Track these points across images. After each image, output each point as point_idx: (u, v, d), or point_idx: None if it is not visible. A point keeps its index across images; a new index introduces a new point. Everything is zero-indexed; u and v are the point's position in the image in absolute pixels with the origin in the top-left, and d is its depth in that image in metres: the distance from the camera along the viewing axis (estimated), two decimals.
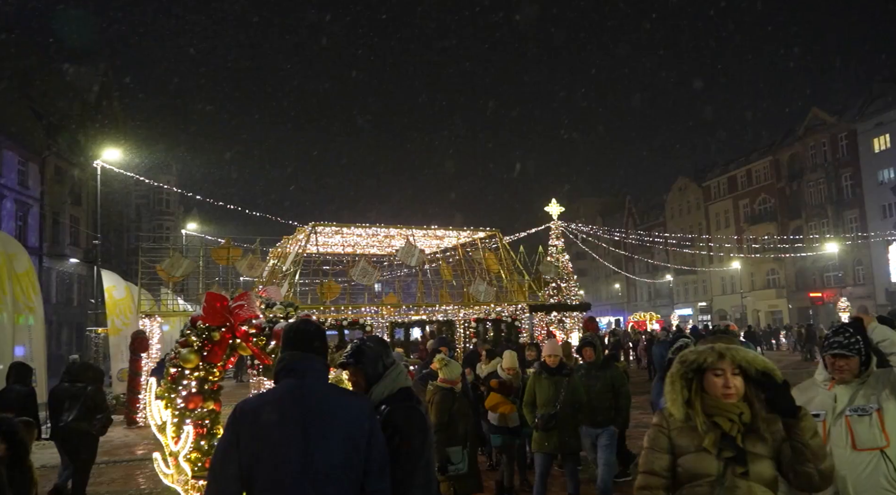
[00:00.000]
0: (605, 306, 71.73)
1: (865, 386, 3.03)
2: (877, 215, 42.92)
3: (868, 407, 2.95)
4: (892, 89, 44.65)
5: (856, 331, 3.09)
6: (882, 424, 2.91)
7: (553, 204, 23.16)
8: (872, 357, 3.10)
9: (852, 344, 3.03)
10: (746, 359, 2.35)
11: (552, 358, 6.21)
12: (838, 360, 3.04)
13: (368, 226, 15.63)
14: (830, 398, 3.07)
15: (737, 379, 2.36)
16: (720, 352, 2.38)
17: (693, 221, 61.93)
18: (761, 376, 2.34)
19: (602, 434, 6.29)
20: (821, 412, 3.05)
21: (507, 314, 15.71)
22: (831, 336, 3.13)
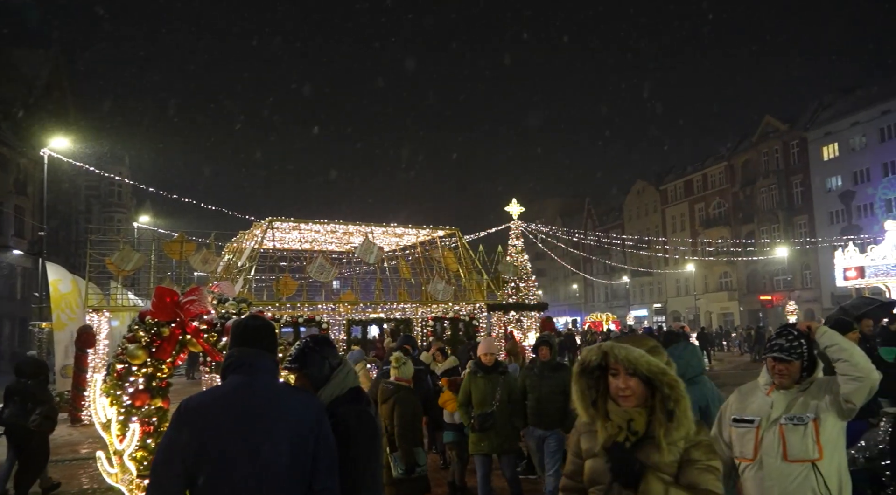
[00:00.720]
0: (563, 306, 72.61)
1: (806, 393, 2.89)
2: (825, 221, 44.48)
3: (805, 416, 2.81)
4: (841, 100, 46.35)
5: (800, 333, 2.96)
6: (817, 435, 2.79)
7: (513, 204, 23.32)
8: (818, 363, 2.96)
9: (794, 347, 2.89)
10: (629, 359, 2.12)
11: (487, 356, 6.09)
12: (778, 364, 2.92)
13: (327, 222, 15.45)
14: (767, 404, 2.93)
15: (632, 380, 2.13)
16: (604, 350, 2.19)
17: (650, 224, 63.18)
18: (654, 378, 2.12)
19: (550, 437, 6.10)
20: (755, 418, 2.94)
21: (465, 313, 15.74)
22: (774, 337, 3.00)
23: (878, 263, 20.73)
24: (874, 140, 41.48)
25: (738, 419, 3.00)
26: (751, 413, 2.98)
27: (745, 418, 2.97)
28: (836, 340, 2.87)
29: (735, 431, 3.00)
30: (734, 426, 3.01)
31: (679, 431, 2.09)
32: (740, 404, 3.06)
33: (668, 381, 2.11)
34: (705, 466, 2.08)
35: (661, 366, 2.13)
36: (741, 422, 2.98)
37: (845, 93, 47.07)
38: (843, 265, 22.02)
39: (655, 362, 2.12)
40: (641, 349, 2.15)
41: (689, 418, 2.10)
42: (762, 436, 2.89)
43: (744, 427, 2.97)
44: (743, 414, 3.00)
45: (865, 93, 44.49)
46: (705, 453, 2.10)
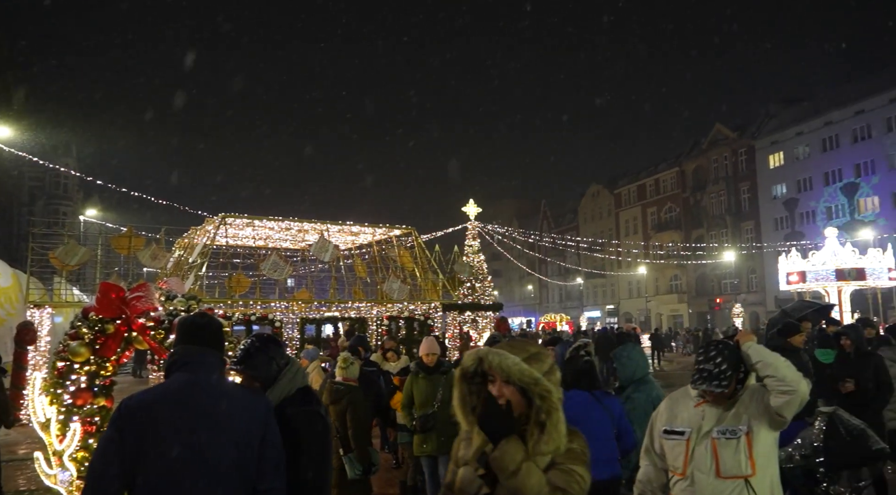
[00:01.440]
0: (518, 307, 73.29)
1: (738, 403, 2.77)
2: (770, 227, 46.04)
3: (737, 429, 2.68)
4: (786, 111, 48.05)
5: (726, 347, 2.81)
6: (750, 450, 2.67)
7: (470, 204, 23.43)
8: (750, 374, 2.81)
9: (723, 373, 2.73)
10: (502, 367, 1.99)
11: (429, 357, 5.98)
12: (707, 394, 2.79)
13: (281, 219, 15.26)
14: (698, 415, 2.80)
15: (507, 388, 2.00)
16: (479, 356, 2.06)
17: (604, 226, 64.28)
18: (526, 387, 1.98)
19: None
20: (686, 429, 2.79)
21: (420, 312, 15.74)
22: (702, 360, 2.80)
23: (818, 268, 21.54)
24: (817, 150, 43.12)
25: (669, 430, 2.86)
26: (681, 423, 2.83)
27: (676, 429, 2.83)
28: (762, 356, 2.72)
29: (665, 443, 2.86)
30: (664, 437, 2.87)
31: (549, 444, 1.96)
32: (670, 413, 2.91)
33: (539, 391, 1.98)
34: (566, 468, 1.96)
35: (535, 375, 1.99)
36: (671, 434, 2.84)
37: (791, 104, 48.84)
38: (786, 270, 22.79)
39: (529, 371, 1.98)
40: (521, 355, 2.03)
41: (559, 431, 1.97)
42: (693, 450, 2.75)
43: (674, 439, 2.83)
44: (673, 424, 2.86)
45: (809, 104, 46.23)
46: (568, 457, 1.98)
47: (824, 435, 4.52)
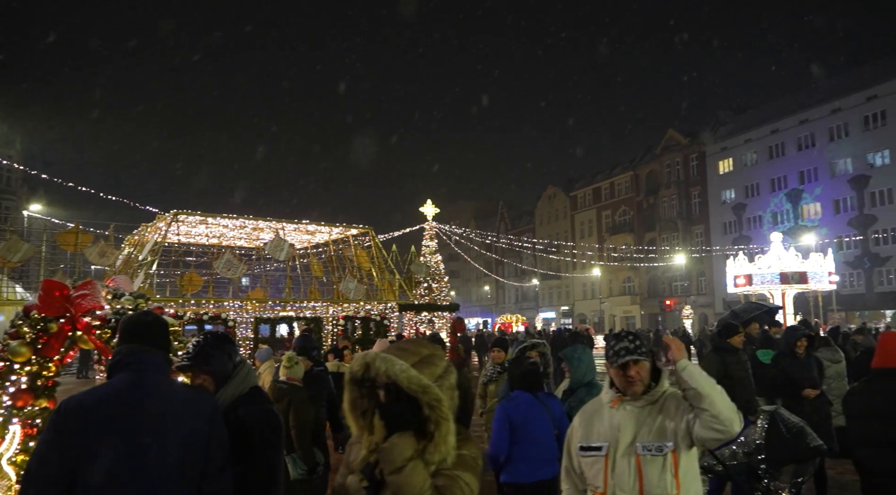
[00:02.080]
0: (475, 308, 73.64)
1: (658, 412, 2.55)
2: (719, 231, 47.38)
3: (664, 445, 2.46)
4: (735, 118, 49.57)
5: (642, 341, 2.67)
6: (676, 468, 2.45)
7: (428, 205, 23.43)
8: (662, 371, 2.67)
9: (638, 348, 2.57)
10: (388, 373, 1.85)
11: None
12: (631, 367, 2.56)
13: (236, 217, 14.98)
14: (615, 426, 2.56)
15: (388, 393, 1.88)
16: (366, 361, 1.93)
17: (560, 229, 65.10)
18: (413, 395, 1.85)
19: None
20: (603, 444, 2.55)
21: (377, 312, 15.69)
22: (615, 343, 2.63)
23: (764, 272, 22.25)
24: (764, 157, 44.58)
25: (585, 447, 2.62)
26: (598, 438, 2.60)
27: (593, 445, 2.59)
28: (699, 383, 2.43)
29: (583, 461, 2.62)
30: (581, 455, 2.63)
31: (434, 455, 1.84)
32: (585, 429, 2.67)
33: (428, 400, 1.84)
34: (452, 474, 1.85)
35: (423, 383, 1.84)
36: (588, 450, 2.60)
37: (740, 112, 50.40)
38: (734, 273, 23.47)
39: (417, 378, 1.84)
40: (411, 359, 1.89)
41: (448, 443, 1.85)
42: (613, 466, 2.52)
43: (591, 455, 2.59)
44: (589, 439, 2.62)
45: (757, 112, 47.77)
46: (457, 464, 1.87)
47: (766, 433, 4.64)
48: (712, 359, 6.63)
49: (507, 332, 33.31)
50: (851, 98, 38.88)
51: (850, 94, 38.95)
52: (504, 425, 4.13)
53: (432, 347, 2.02)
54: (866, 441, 3.65)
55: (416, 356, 1.92)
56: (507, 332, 33.31)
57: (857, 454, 3.74)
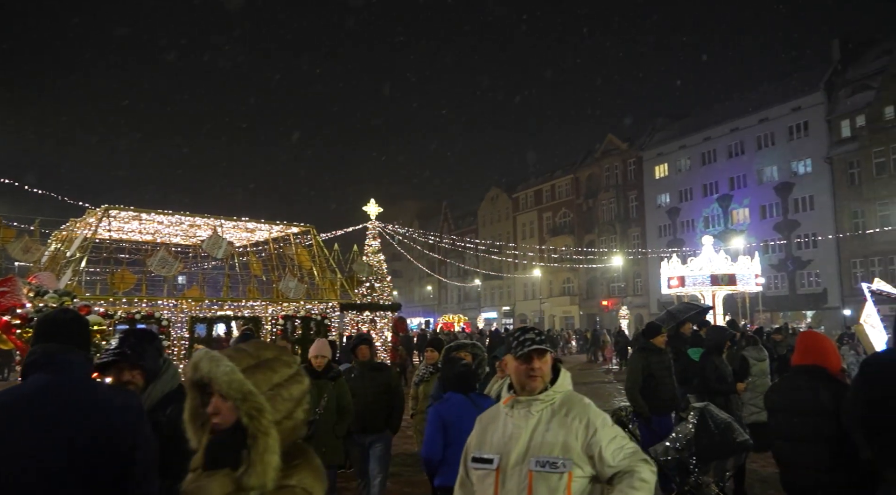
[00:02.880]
0: (418, 307, 73.68)
1: (554, 417, 2.32)
2: (654, 234, 48.90)
3: (561, 462, 2.21)
4: (671, 125, 51.27)
5: (547, 336, 2.51)
6: (569, 490, 2.21)
7: (371, 204, 23.26)
8: (562, 370, 2.47)
9: (543, 342, 2.40)
10: (212, 376, 1.62)
11: (318, 359, 5.59)
12: (535, 359, 2.36)
13: (171, 213, 14.50)
14: (507, 434, 2.33)
15: (225, 403, 1.61)
16: (194, 361, 1.68)
17: (502, 230, 65.84)
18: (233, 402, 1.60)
19: (376, 442, 5.80)
20: (494, 457, 2.30)
21: (317, 312, 15.49)
22: (520, 333, 2.44)
23: (696, 274, 23.09)
24: (697, 163, 46.26)
25: (477, 457, 2.37)
26: (490, 448, 2.35)
27: (484, 456, 2.34)
28: None
29: (474, 473, 2.39)
30: (472, 467, 2.40)
31: (252, 478, 1.55)
32: (481, 437, 2.43)
33: (247, 409, 1.57)
34: None
35: (245, 389, 1.58)
36: (479, 462, 2.35)
37: (676, 118, 52.16)
38: (668, 274, 24.26)
39: (241, 383, 1.59)
40: (245, 362, 1.65)
41: (267, 463, 1.56)
42: (504, 481, 2.28)
43: (482, 468, 2.34)
44: (482, 449, 2.37)
45: (691, 120, 49.55)
46: None
47: (696, 429, 4.79)
48: (636, 358, 6.86)
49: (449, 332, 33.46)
50: (777, 109, 40.80)
51: (776, 105, 40.87)
52: (437, 427, 4.08)
53: (280, 351, 1.76)
54: (785, 435, 3.83)
55: (252, 358, 1.67)
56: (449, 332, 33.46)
57: (777, 447, 3.93)
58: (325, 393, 5.45)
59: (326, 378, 5.56)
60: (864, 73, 37.80)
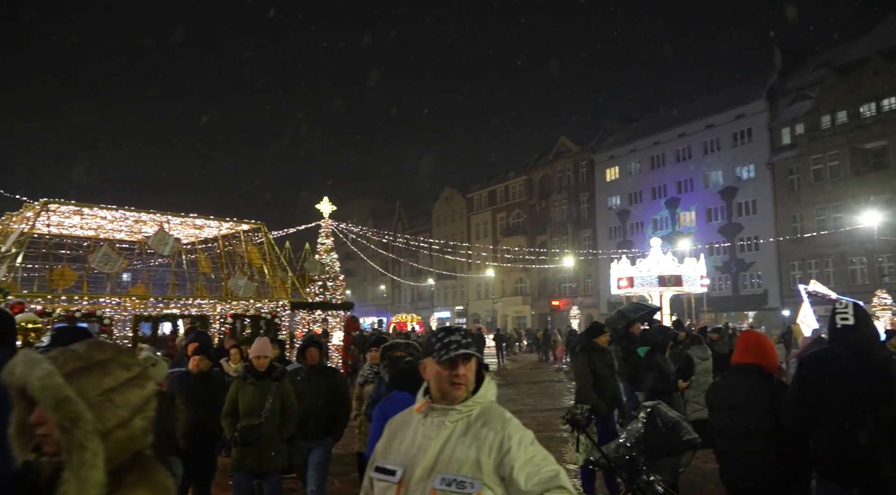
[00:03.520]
0: (371, 307, 73.26)
1: (472, 433, 2.05)
2: (605, 235, 49.83)
3: (469, 481, 1.96)
4: (622, 128, 52.35)
5: (475, 339, 2.32)
6: None
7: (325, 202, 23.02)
8: (486, 379, 2.20)
9: (470, 345, 2.14)
10: (25, 379, 1.39)
11: (260, 359, 5.33)
12: (461, 365, 2.10)
13: (115, 208, 14.05)
14: (417, 446, 2.07)
15: (43, 412, 1.38)
16: (11, 367, 1.44)
17: (456, 230, 66.05)
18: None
19: (317, 448, 5.62)
20: (397, 469, 2.05)
21: (268, 310, 15.25)
22: (444, 335, 2.17)
23: (644, 275, 23.63)
24: (647, 167, 47.35)
25: (380, 468, 2.12)
26: (396, 458, 2.10)
27: (388, 467, 2.10)
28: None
29: (377, 484, 2.12)
30: (374, 477, 2.13)
31: None
32: (387, 445, 2.19)
33: (59, 419, 1.35)
34: None
35: (62, 395, 1.36)
36: (382, 473, 2.10)
37: (627, 122, 53.28)
38: (617, 275, 24.75)
39: (56, 387, 1.36)
40: (72, 364, 1.42)
41: (84, 480, 1.32)
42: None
43: (384, 480, 2.09)
44: (387, 459, 2.13)
45: (641, 124, 50.71)
46: None
47: (645, 427, 4.89)
48: (581, 358, 7.00)
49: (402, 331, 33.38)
50: (722, 115, 42.11)
51: (722, 112, 42.18)
52: (381, 425, 4.05)
53: (118, 353, 1.53)
54: (725, 431, 3.95)
55: (80, 360, 1.44)
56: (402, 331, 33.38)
57: (717, 444, 4.05)
58: (268, 395, 5.23)
59: (269, 379, 5.32)
60: (803, 82, 39.37)
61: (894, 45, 34.11)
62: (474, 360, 2.15)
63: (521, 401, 15.96)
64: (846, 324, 3.55)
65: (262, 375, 5.29)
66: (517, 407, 14.88)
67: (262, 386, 5.25)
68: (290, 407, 5.35)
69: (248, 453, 5.11)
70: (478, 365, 2.18)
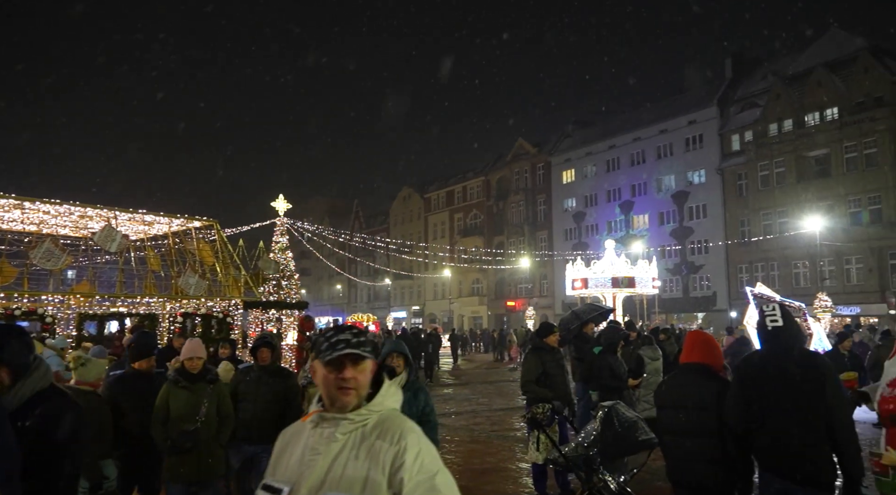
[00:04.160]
0: (326, 306, 72.57)
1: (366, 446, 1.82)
2: (561, 237, 50.47)
3: None
4: (579, 132, 53.11)
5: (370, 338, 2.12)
6: None
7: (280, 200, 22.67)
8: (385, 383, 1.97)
9: (362, 344, 1.92)
10: None
11: (193, 361, 5.04)
12: (348, 367, 1.88)
13: (59, 202, 13.52)
14: (304, 463, 1.85)
15: None
16: None
17: (414, 229, 65.95)
18: None
19: (261, 453, 5.28)
20: (283, 487, 1.83)
21: (219, 309, 14.93)
22: (332, 334, 1.96)
23: (599, 276, 24.00)
24: (602, 170, 48.16)
25: (267, 485, 1.89)
26: (283, 476, 1.88)
27: (274, 485, 1.87)
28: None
29: None
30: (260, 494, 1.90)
31: None
32: (277, 459, 1.96)
33: None
34: None
35: None
36: (268, 491, 1.87)
37: (584, 126, 54.08)
38: (572, 276, 25.07)
39: None
40: None
41: None
42: None
43: None
44: (274, 476, 1.91)
45: (598, 128, 51.54)
46: None
47: (602, 426, 4.95)
48: (530, 357, 7.07)
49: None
50: (675, 121, 43.15)
51: (675, 117, 43.23)
52: None
53: None
54: (672, 429, 4.04)
55: None
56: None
57: (664, 441, 4.13)
58: (203, 399, 4.96)
59: (204, 381, 5.06)
60: (752, 91, 40.66)
61: (837, 57, 35.52)
62: (369, 363, 1.92)
63: (476, 401, 16.03)
64: (776, 326, 3.69)
65: (196, 378, 5.02)
66: (472, 406, 14.95)
67: (196, 389, 4.98)
68: (227, 411, 5.12)
69: (184, 461, 4.83)
70: (378, 369, 1.97)
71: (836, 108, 33.73)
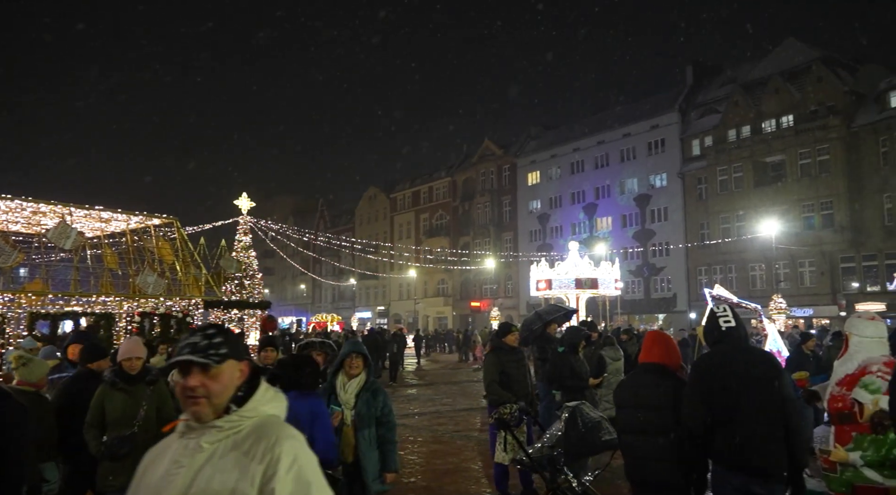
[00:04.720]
0: (290, 306, 71.79)
1: (231, 456, 1.64)
2: (526, 238, 50.84)
3: None
4: (545, 134, 53.60)
5: (232, 339, 1.78)
6: None
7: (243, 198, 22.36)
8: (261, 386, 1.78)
9: (214, 346, 1.71)
10: None
11: (131, 361, 4.67)
12: (194, 374, 1.69)
13: (10, 197, 13.09)
14: (166, 478, 1.66)
15: None
16: None
17: (379, 229, 65.69)
18: None
19: None
20: None
21: (179, 309, 14.65)
22: (187, 336, 1.82)
23: (562, 277, 24.21)
24: (567, 172, 48.67)
25: None
26: (147, 488, 1.72)
27: None
28: None
29: None
30: None
31: None
32: (141, 476, 1.80)
33: None
34: None
35: None
36: None
37: (549, 128, 54.58)
38: (536, 277, 25.23)
39: None
40: None
41: None
42: None
43: None
44: (139, 488, 1.76)
45: (563, 131, 52.08)
46: None
47: (566, 426, 4.97)
48: (490, 357, 7.11)
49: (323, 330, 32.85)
50: (638, 125, 43.88)
51: (638, 122, 43.95)
52: None
53: None
54: (630, 428, 4.09)
55: None
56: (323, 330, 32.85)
57: (622, 440, 4.19)
58: (142, 402, 4.63)
59: (142, 383, 4.71)
60: (712, 97, 41.59)
61: (792, 66, 36.59)
62: (226, 368, 1.71)
63: (440, 401, 16.03)
64: (730, 326, 3.79)
65: (134, 379, 4.65)
66: (436, 407, 14.94)
67: (135, 391, 4.63)
68: (168, 414, 4.70)
69: (118, 469, 4.37)
70: (254, 372, 1.78)
71: (792, 116, 34.72)
